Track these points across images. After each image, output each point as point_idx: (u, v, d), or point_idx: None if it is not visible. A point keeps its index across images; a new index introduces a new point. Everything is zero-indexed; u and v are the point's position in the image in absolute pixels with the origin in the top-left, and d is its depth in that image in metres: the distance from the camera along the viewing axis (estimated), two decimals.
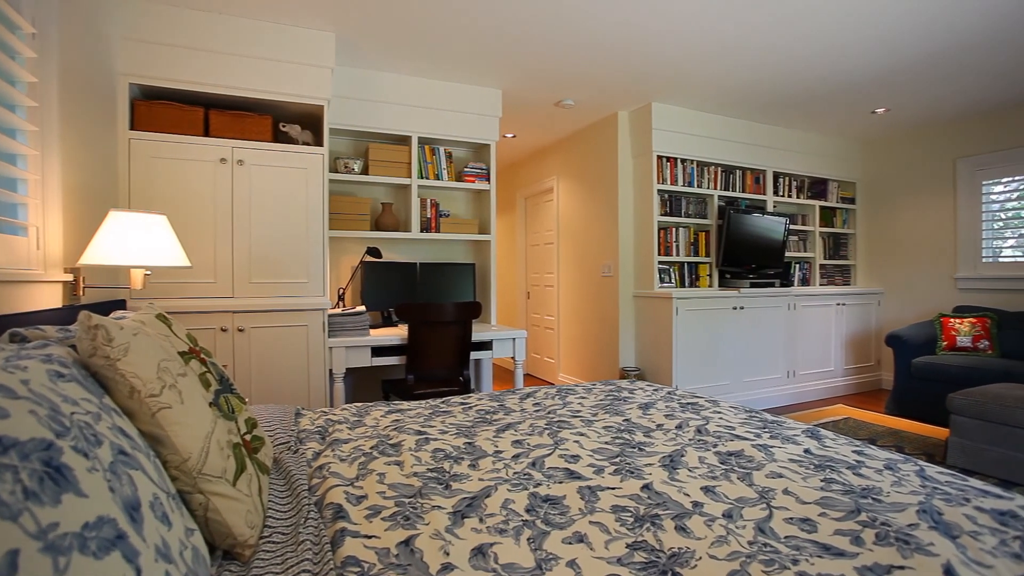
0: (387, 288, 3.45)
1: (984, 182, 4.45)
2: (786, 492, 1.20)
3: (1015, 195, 4.29)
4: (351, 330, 2.97)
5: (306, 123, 3.15)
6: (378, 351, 2.99)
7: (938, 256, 4.73)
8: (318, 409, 1.91)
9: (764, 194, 4.64)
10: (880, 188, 5.21)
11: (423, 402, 2.08)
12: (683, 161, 4.24)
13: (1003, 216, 4.37)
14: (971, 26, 2.84)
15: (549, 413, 1.84)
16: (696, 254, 4.34)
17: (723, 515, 1.09)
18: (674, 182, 4.18)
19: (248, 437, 1.12)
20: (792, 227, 4.85)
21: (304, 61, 2.81)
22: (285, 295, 2.78)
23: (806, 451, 1.46)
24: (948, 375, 3.77)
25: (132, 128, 2.53)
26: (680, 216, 4.27)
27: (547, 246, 5.51)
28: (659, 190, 4.15)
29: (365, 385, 3.63)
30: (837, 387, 4.81)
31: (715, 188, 4.37)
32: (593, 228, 4.60)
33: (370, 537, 0.99)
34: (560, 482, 1.24)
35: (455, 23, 2.80)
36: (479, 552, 0.95)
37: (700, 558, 0.93)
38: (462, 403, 2.03)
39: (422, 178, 3.56)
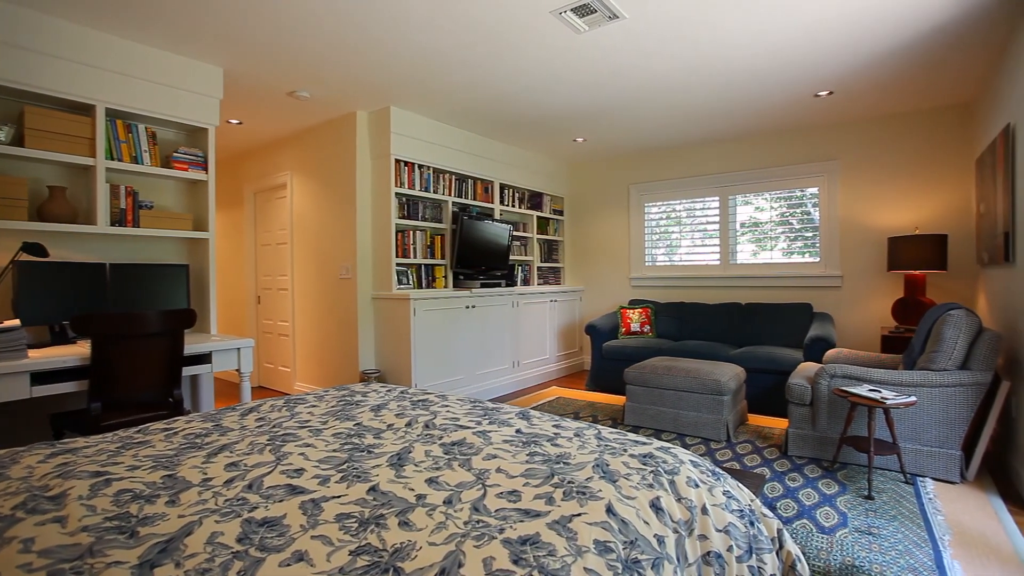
0: (59, 296, 2.71)
1: (646, 204, 5.80)
2: (499, 471, 1.36)
3: (664, 216, 5.70)
4: None
5: None
6: (43, 377, 2.33)
7: (619, 260, 5.98)
8: None
9: (492, 203, 5.15)
10: (581, 203, 6.31)
11: (111, 435, 1.70)
12: (420, 167, 4.41)
13: (657, 231, 5.76)
14: (650, 80, 3.66)
15: (274, 427, 1.70)
16: (432, 256, 4.56)
17: (444, 502, 1.17)
18: (412, 186, 4.32)
19: None
20: (515, 233, 5.51)
21: None
22: None
23: (517, 431, 1.68)
24: (625, 354, 4.79)
25: None
26: (418, 219, 4.43)
27: (280, 246, 5.08)
28: (397, 193, 4.23)
29: (22, 425, 2.78)
30: (551, 372, 5.65)
31: (450, 195, 4.67)
32: (330, 228, 4.43)
33: None
34: (280, 500, 1.16)
35: None
36: None
37: (420, 548, 0.99)
38: (165, 429, 1.73)
39: (112, 159, 2.90)
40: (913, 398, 2.56)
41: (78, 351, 2.46)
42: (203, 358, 2.88)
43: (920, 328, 3.05)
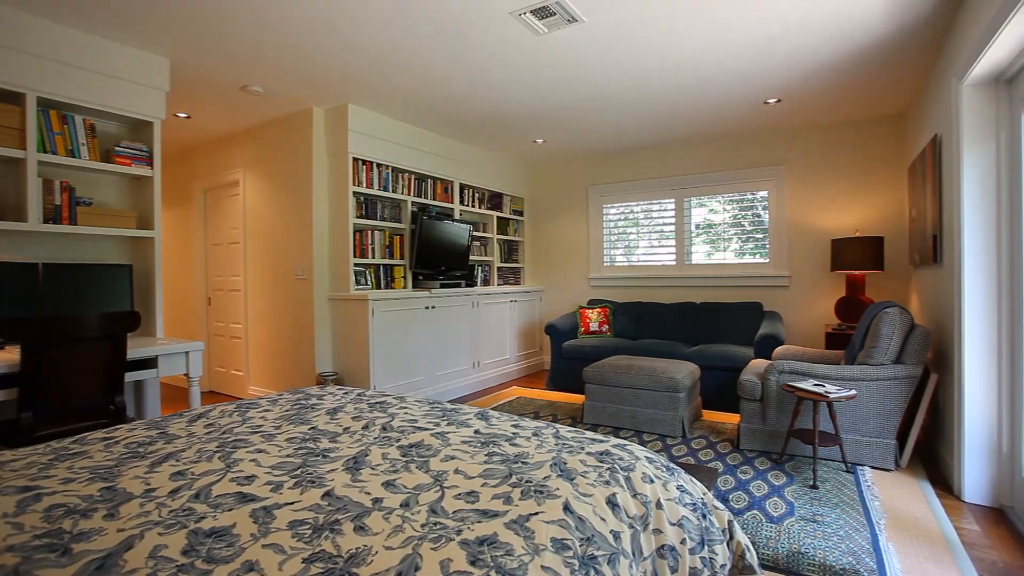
0: None
1: (604, 205, 5.89)
2: (457, 471, 1.35)
3: (622, 217, 5.81)
4: None
5: None
6: None
7: (578, 260, 6.05)
8: None
9: (452, 203, 5.12)
10: (541, 204, 6.36)
11: (43, 446, 1.60)
12: (379, 165, 4.34)
13: (615, 232, 5.87)
14: (608, 83, 3.72)
15: (224, 433, 1.64)
16: (391, 256, 4.50)
17: (401, 505, 1.16)
18: (370, 185, 4.25)
19: None
20: (475, 234, 5.50)
21: None
22: None
23: (476, 432, 1.68)
24: (584, 353, 4.86)
25: None
26: (376, 219, 4.37)
27: (232, 245, 4.90)
28: (355, 192, 4.15)
29: None
30: (511, 372, 5.67)
31: (409, 194, 4.61)
32: (285, 227, 4.31)
33: None
34: (230, 509, 1.12)
35: None
36: None
37: (376, 552, 0.97)
38: (105, 438, 1.64)
39: (45, 152, 2.73)
40: (853, 391, 2.70)
41: (6, 357, 2.30)
42: (148, 362, 2.75)
43: (860, 325, 3.21)
